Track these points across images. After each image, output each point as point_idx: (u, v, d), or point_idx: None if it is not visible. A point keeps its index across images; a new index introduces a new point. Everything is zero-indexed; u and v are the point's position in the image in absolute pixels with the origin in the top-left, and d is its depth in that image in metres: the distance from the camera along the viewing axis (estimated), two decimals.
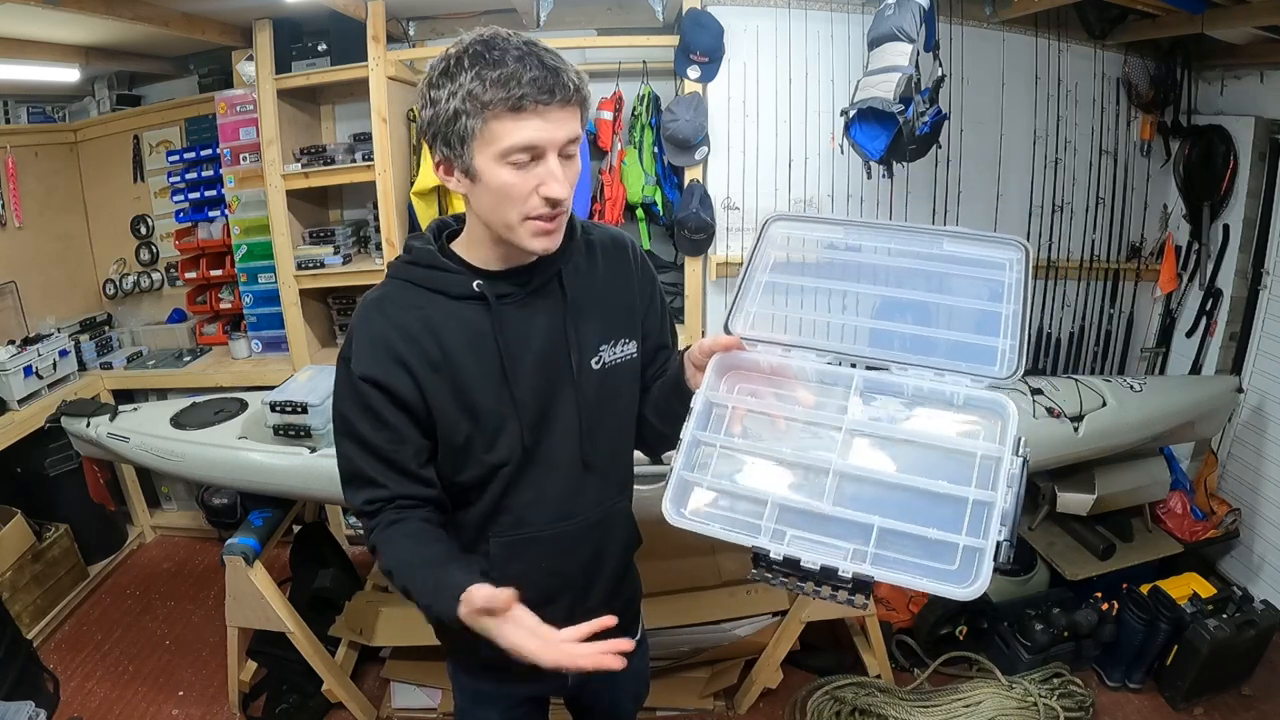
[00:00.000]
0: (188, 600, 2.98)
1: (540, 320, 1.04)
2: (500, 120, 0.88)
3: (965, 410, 0.84)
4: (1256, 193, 2.75)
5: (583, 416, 1.08)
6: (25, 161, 3.11)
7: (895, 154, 2.34)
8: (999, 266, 0.87)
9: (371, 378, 0.99)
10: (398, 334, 1.00)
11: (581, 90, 0.91)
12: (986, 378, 0.83)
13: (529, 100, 0.86)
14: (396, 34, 2.97)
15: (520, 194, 0.92)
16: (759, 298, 0.99)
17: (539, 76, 0.86)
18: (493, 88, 0.86)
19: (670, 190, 2.94)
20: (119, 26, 2.42)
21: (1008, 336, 0.83)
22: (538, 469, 1.08)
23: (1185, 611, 2.29)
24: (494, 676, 1.26)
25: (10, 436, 2.69)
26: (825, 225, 1.01)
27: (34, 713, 2.11)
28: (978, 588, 0.73)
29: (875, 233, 0.98)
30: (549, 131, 0.89)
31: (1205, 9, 2.37)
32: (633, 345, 1.12)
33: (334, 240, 3.08)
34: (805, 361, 0.93)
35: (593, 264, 1.10)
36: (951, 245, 0.90)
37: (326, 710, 2.34)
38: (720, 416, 0.95)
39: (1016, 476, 0.76)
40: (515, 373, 1.03)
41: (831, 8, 2.84)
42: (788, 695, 2.36)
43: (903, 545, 0.79)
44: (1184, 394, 2.49)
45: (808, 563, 0.79)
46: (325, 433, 2.12)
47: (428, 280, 1.03)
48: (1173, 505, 2.71)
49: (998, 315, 0.85)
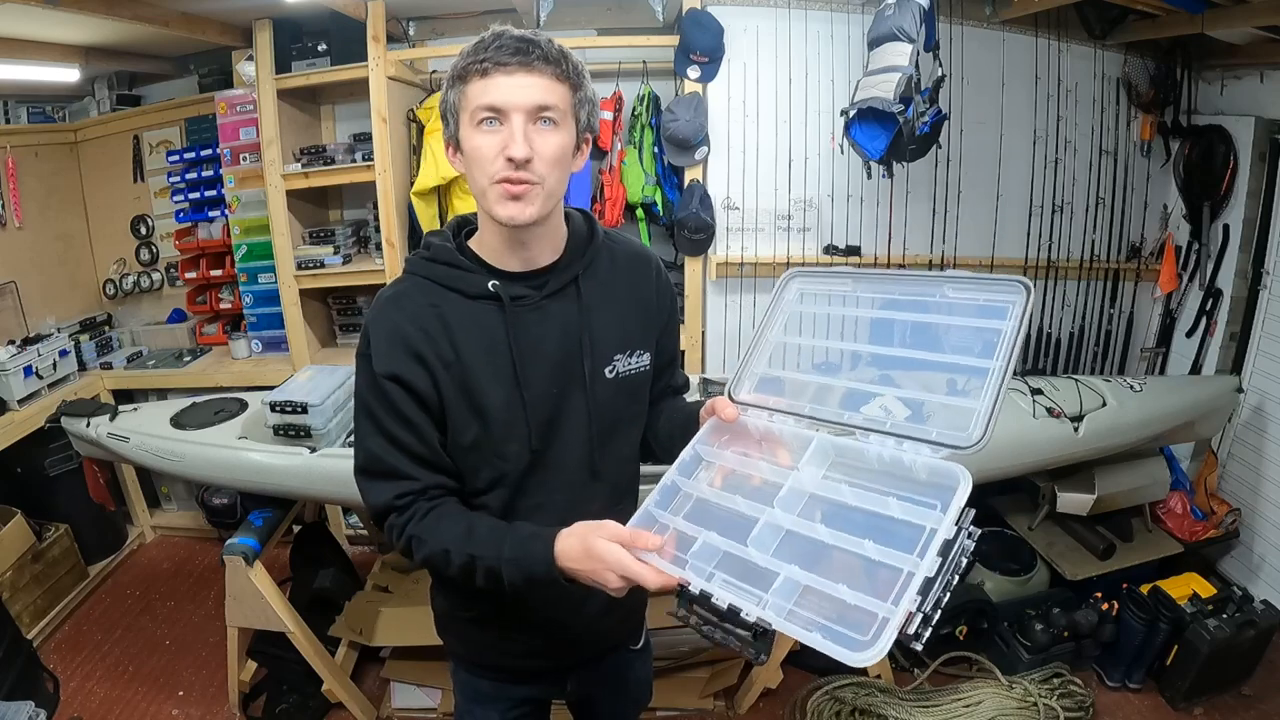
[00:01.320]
0: (188, 600, 2.98)
1: (555, 324, 1.05)
2: (471, 84, 0.93)
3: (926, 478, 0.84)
4: (1256, 193, 2.75)
5: (593, 424, 1.09)
6: (25, 161, 3.11)
7: (895, 154, 2.34)
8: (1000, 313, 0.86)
9: (393, 374, 1.00)
10: (414, 329, 1.01)
11: (556, 62, 0.93)
12: (946, 447, 0.83)
13: (491, 63, 0.91)
14: (396, 34, 2.97)
15: (488, 155, 0.93)
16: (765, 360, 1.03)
17: (507, 43, 0.91)
18: (466, 58, 0.93)
19: (670, 190, 2.94)
20: (119, 26, 2.42)
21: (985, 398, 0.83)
22: (545, 474, 1.08)
23: (1185, 611, 2.29)
24: (494, 676, 1.27)
25: (10, 436, 2.69)
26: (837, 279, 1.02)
27: (34, 713, 2.11)
28: (870, 655, 0.71)
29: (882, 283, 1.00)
30: (512, 92, 0.91)
31: (1205, 9, 2.37)
32: (646, 358, 1.13)
33: (334, 240, 3.09)
34: (784, 426, 0.97)
35: (613, 273, 1.11)
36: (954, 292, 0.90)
37: (326, 710, 2.34)
38: (707, 469, 1.00)
39: (953, 545, 0.75)
40: (527, 375, 1.03)
41: (831, 8, 2.84)
42: (788, 695, 2.36)
43: (820, 606, 0.78)
44: (1184, 394, 2.49)
45: (717, 599, 0.80)
46: (325, 433, 2.12)
47: (445, 278, 1.03)
48: (1173, 505, 2.72)
49: (984, 371, 0.84)
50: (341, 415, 2.23)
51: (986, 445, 0.80)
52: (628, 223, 2.98)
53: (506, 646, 1.21)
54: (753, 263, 3.03)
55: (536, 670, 1.25)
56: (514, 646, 1.21)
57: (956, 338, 0.89)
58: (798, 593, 0.80)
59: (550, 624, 1.18)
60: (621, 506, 1.16)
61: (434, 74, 3.01)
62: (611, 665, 1.34)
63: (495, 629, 1.19)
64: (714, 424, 1.01)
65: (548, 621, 1.18)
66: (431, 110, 2.82)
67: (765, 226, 3.04)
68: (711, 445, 1.01)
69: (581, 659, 1.27)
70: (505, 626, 1.18)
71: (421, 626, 2.32)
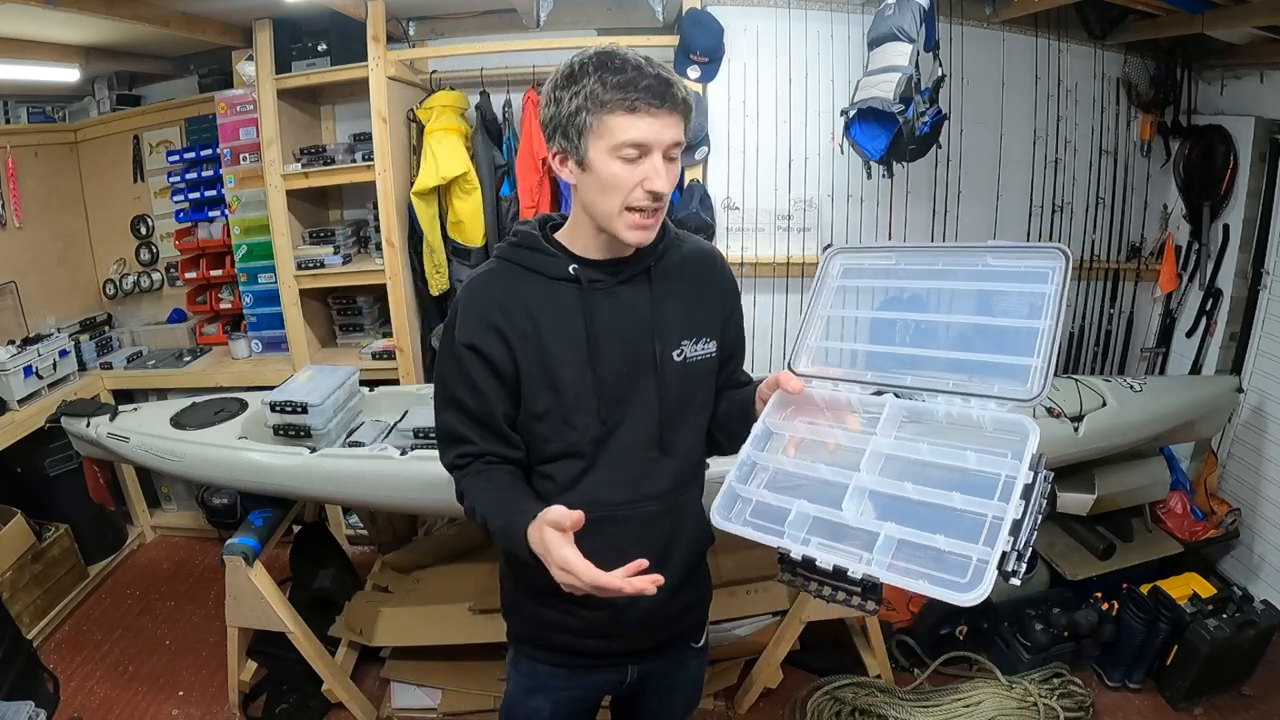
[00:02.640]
0: (188, 600, 2.98)
1: (628, 307, 1.14)
2: (616, 117, 1.00)
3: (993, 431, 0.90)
4: (1256, 193, 2.75)
5: (663, 403, 1.16)
6: (25, 161, 3.11)
7: (895, 154, 2.34)
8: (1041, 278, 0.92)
9: (470, 344, 1.10)
10: (496, 306, 1.10)
11: (689, 102, 1.03)
12: (1010, 400, 0.88)
13: (643, 103, 0.98)
14: (396, 34, 2.97)
15: (625, 185, 1.02)
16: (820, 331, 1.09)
17: (654, 84, 0.99)
18: (613, 89, 0.99)
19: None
20: (119, 26, 2.42)
21: (1040, 354, 0.88)
22: (615, 449, 1.15)
23: (1185, 611, 2.29)
24: (556, 660, 1.29)
25: (10, 436, 2.69)
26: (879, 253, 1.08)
27: (34, 713, 2.11)
28: (976, 594, 0.76)
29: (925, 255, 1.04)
30: (657, 132, 1.00)
31: (1205, 9, 2.37)
32: (713, 345, 1.20)
33: (334, 240, 3.08)
34: (851, 394, 1.02)
35: (682, 266, 1.20)
36: (995, 260, 0.95)
37: (326, 710, 2.34)
38: (778, 441, 1.05)
39: (1032, 489, 0.80)
40: (599, 352, 1.11)
41: (831, 8, 2.84)
42: (788, 695, 2.36)
43: (916, 556, 0.84)
44: (1184, 394, 2.49)
45: (822, 563, 0.86)
46: (325, 433, 2.12)
47: (529, 261, 1.13)
48: (1173, 505, 2.72)
49: (1034, 331, 0.90)
50: (342, 415, 2.23)
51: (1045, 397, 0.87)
52: None
53: (571, 625, 1.23)
54: (753, 263, 3.03)
55: (599, 653, 1.27)
56: (577, 624, 1.23)
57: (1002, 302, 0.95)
58: (894, 547, 0.86)
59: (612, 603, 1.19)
60: (689, 489, 1.25)
61: (434, 74, 3.01)
62: (671, 663, 1.36)
63: (560, 607, 1.21)
64: (779, 398, 1.06)
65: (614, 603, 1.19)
66: (431, 110, 2.82)
67: (765, 226, 3.04)
68: (779, 418, 1.06)
69: (644, 647, 1.30)
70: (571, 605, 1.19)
71: (421, 626, 2.33)
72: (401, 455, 2.00)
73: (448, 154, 2.75)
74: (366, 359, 3.05)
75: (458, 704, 2.32)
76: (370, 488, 2.04)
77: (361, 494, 2.10)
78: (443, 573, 2.52)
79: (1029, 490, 0.80)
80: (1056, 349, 0.88)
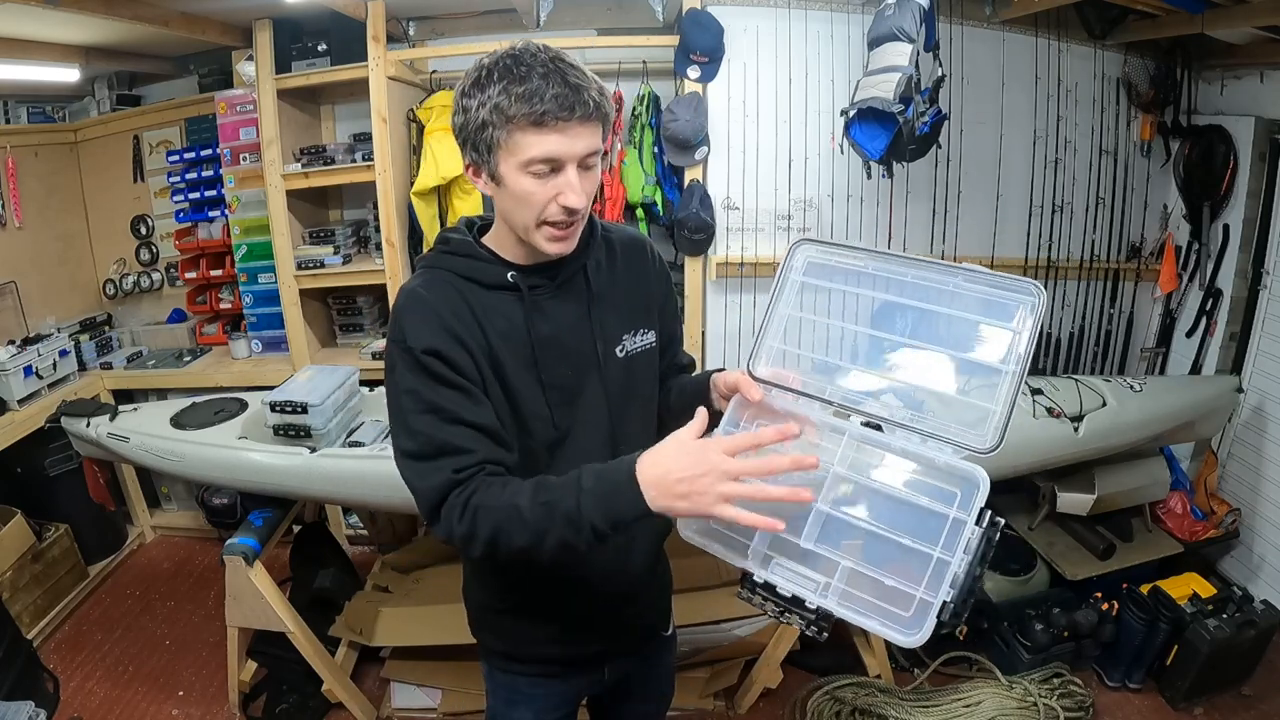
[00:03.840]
0: (188, 600, 2.99)
1: (568, 311, 1.11)
2: (524, 133, 0.94)
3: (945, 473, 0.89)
4: (1256, 193, 2.75)
5: (611, 401, 1.14)
6: (25, 161, 3.11)
7: (895, 154, 2.34)
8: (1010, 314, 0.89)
9: (433, 349, 0.99)
10: (447, 312, 1.03)
11: (602, 108, 0.97)
12: (966, 448, 0.87)
13: (550, 116, 0.92)
14: (396, 34, 2.97)
15: (539, 201, 0.98)
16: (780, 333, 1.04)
17: (560, 94, 0.92)
18: (517, 102, 0.92)
19: (670, 190, 2.94)
20: (119, 26, 2.42)
21: (1000, 402, 0.87)
22: (571, 453, 1.12)
23: (1185, 611, 2.29)
24: (532, 671, 1.28)
25: (10, 436, 2.69)
26: (848, 253, 1.01)
27: (34, 713, 2.11)
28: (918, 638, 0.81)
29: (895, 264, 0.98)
30: (567, 145, 0.95)
31: (1205, 9, 2.37)
32: (651, 335, 1.19)
33: (334, 240, 3.08)
34: (811, 411, 0.98)
35: (613, 261, 1.17)
36: (968, 284, 0.92)
37: (326, 710, 2.34)
38: None
39: (974, 545, 0.82)
40: (545, 359, 1.08)
41: (831, 8, 2.84)
42: (788, 695, 2.36)
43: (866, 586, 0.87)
44: (1184, 394, 2.49)
45: (782, 589, 0.89)
46: (325, 433, 2.12)
47: (465, 269, 1.07)
48: (1173, 505, 2.72)
49: (998, 374, 0.88)
50: (341, 415, 2.23)
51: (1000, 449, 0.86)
52: (628, 222, 2.98)
53: (547, 633, 1.23)
54: (753, 263, 3.02)
55: (575, 659, 1.27)
56: (554, 631, 1.22)
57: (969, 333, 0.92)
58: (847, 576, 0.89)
59: (588, 606, 1.21)
60: None
61: (434, 74, 3.01)
62: (642, 658, 1.37)
63: (534, 617, 1.21)
64: (739, 401, 1.03)
65: (586, 603, 1.21)
66: (431, 110, 2.82)
67: (765, 226, 3.04)
68: (737, 425, 1.03)
69: (619, 645, 1.30)
70: (544, 613, 1.21)
71: (421, 626, 2.33)
72: None
73: (448, 154, 2.75)
74: (366, 359, 3.05)
75: (458, 704, 2.32)
76: (370, 488, 2.04)
77: (361, 494, 2.11)
78: (443, 573, 2.52)
79: (971, 544, 0.82)
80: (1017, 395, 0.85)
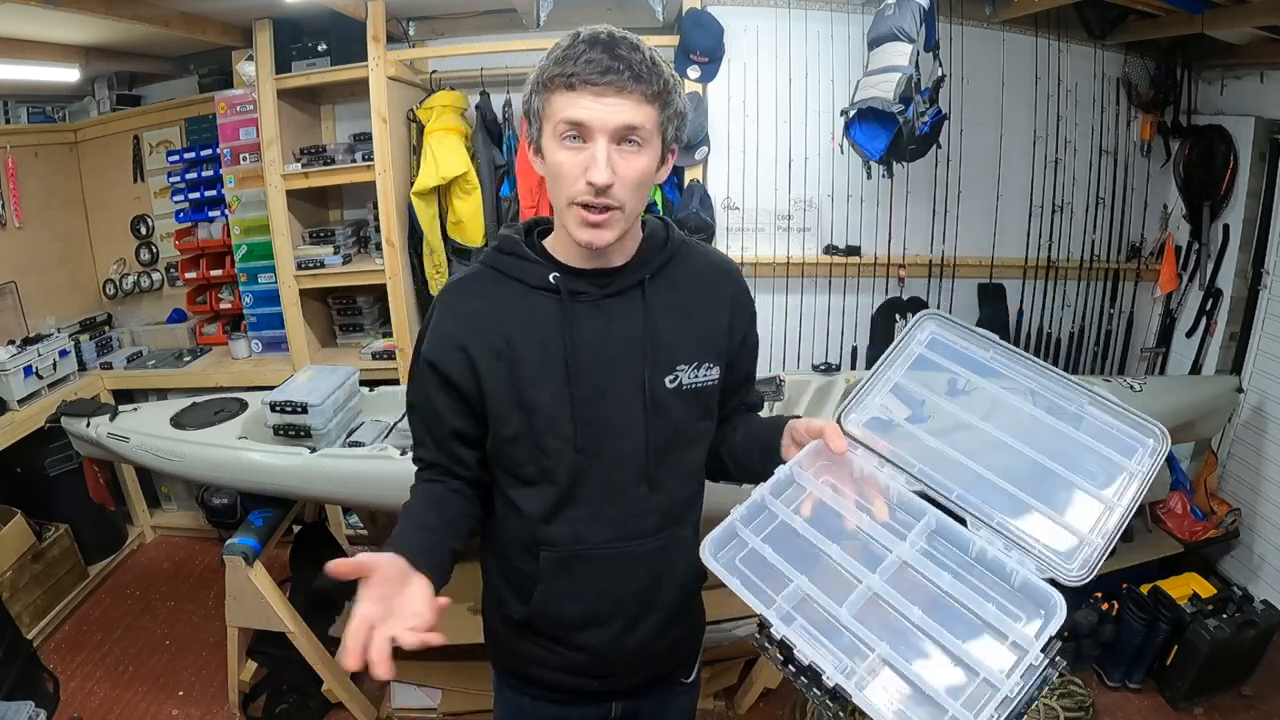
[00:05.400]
0: (188, 600, 2.98)
1: (615, 325, 1.02)
2: (557, 94, 0.90)
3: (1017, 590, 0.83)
4: (1256, 193, 2.75)
5: (650, 433, 1.04)
6: (25, 161, 3.10)
7: (895, 154, 2.34)
8: (1127, 450, 0.84)
9: (431, 360, 1.04)
10: (466, 323, 1.02)
11: (647, 80, 0.90)
12: (1052, 568, 0.81)
13: (580, 79, 0.88)
14: (396, 34, 2.96)
15: (570, 174, 0.91)
16: (883, 396, 0.97)
17: (598, 59, 0.88)
18: (555, 65, 0.90)
19: (670, 190, 2.94)
20: (119, 26, 2.42)
21: (1101, 534, 0.81)
22: (596, 483, 1.05)
23: (1185, 611, 2.29)
24: (535, 693, 1.21)
25: (10, 436, 2.68)
26: (977, 340, 0.95)
27: (34, 713, 2.11)
28: None
29: (1022, 365, 0.93)
30: (597, 112, 0.88)
31: (1205, 9, 2.37)
32: (715, 371, 1.08)
33: (334, 240, 3.08)
34: (893, 481, 0.91)
35: (689, 281, 1.08)
36: (1093, 408, 0.87)
37: (326, 710, 2.34)
38: (797, 493, 0.95)
39: (1036, 671, 0.74)
40: (578, 371, 1.01)
41: (831, 8, 2.84)
42: (788, 695, 2.35)
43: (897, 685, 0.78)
44: (1184, 394, 2.49)
45: (799, 654, 0.79)
46: (325, 433, 2.12)
47: (508, 267, 1.04)
48: (1173, 505, 2.72)
49: (1102, 507, 0.83)
50: (341, 415, 2.23)
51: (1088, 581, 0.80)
52: None
53: (548, 659, 1.15)
54: (753, 263, 3.02)
55: (580, 690, 1.18)
56: (559, 660, 1.15)
57: (1080, 457, 0.86)
58: (881, 667, 0.79)
59: (595, 644, 1.12)
60: (680, 528, 1.11)
61: (434, 74, 3.01)
62: (658, 698, 1.26)
63: (542, 643, 1.14)
64: (816, 447, 0.94)
65: (593, 641, 1.12)
66: (431, 110, 2.82)
67: (765, 226, 3.04)
68: (807, 470, 0.95)
69: (630, 685, 1.20)
70: (550, 641, 1.14)
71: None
72: (401, 455, 2.00)
73: (448, 154, 2.75)
74: (366, 359, 3.05)
75: (458, 704, 2.32)
76: (370, 488, 2.04)
77: (361, 494, 2.11)
78: None
79: (1032, 670, 0.74)
80: (1118, 535, 0.80)
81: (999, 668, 0.75)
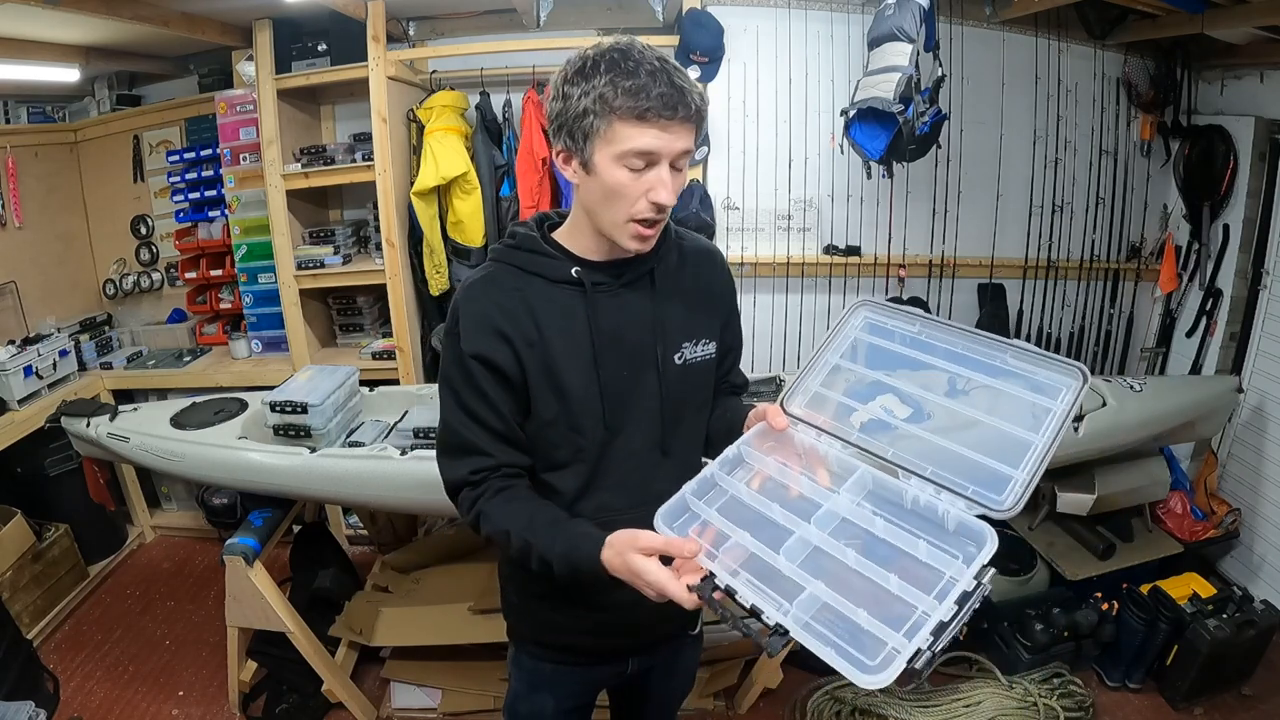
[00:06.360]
0: (188, 600, 2.98)
1: (631, 310, 1.12)
2: (626, 124, 0.96)
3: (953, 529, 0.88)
4: (1256, 193, 2.75)
5: (665, 405, 1.15)
6: (25, 161, 3.11)
7: (895, 154, 2.35)
8: (1053, 392, 0.91)
9: (478, 354, 1.06)
10: (499, 311, 1.07)
11: (701, 111, 1.00)
12: (981, 506, 0.87)
13: (653, 113, 0.95)
14: (396, 34, 2.97)
15: (630, 195, 1.01)
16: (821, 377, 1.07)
17: (666, 93, 0.95)
18: (624, 95, 0.95)
19: None
20: (119, 26, 2.42)
21: (1025, 468, 0.87)
22: (619, 454, 1.14)
23: (1185, 611, 2.29)
24: (558, 659, 1.30)
25: (10, 436, 2.68)
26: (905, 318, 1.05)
27: (34, 713, 2.11)
28: (880, 680, 0.76)
29: (949, 333, 1.01)
30: (667, 142, 0.97)
31: (1205, 9, 2.38)
32: (712, 346, 1.20)
33: (334, 240, 3.08)
34: (830, 448, 1.01)
35: (682, 266, 1.19)
36: (1014, 360, 0.94)
37: (326, 710, 2.34)
38: (746, 471, 1.05)
39: (970, 597, 0.79)
40: (603, 357, 1.10)
41: (831, 8, 2.84)
42: (788, 695, 2.36)
43: (834, 623, 0.83)
44: (1184, 394, 2.48)
45: (741, 598, 0.86)
46: (325, 433, 2.12)
47: (529, 263, 1.11)
48: (1173, 505, 2.72)
49: (1028, 445, 0.89)
50: (341, 415, 2.23)
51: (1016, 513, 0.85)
52: None
53: (579, 625, 1.24)
54: (753, 262, 3.03)
55: (603, 650, 1.29)
56: (586, 624, 1.24)
57: (1007, 404, 0.93)
58: (817, 607, 0.85)
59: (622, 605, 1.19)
60: None
61: (434, 74, 3.01)
62: (670, 649, 1.39)
63: (569, 609, 1.22)
64: (762, 429, 1.06)
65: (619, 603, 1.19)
66: (431, 110, 2.82)
67: (765, 226, 3.04)
68: (755, 449, 1.06)
69: (647, 640, 1.31)
70: (579, 606, 1.22)
71: (421, 626, 2.33)
72: (401, 455, 2.01)
73: (448, 154, 2.75)
74: (366, 359, 3.05)
75: (458, 704, 2.32)
76: (370, 488, 2.04)
77: (361, 494, 2.10)
78: (443, 573, 2.52)
79: (965, 596, 0.79)
80: (1043, 467, 0.86)
81: (932, 596, 0.81)
